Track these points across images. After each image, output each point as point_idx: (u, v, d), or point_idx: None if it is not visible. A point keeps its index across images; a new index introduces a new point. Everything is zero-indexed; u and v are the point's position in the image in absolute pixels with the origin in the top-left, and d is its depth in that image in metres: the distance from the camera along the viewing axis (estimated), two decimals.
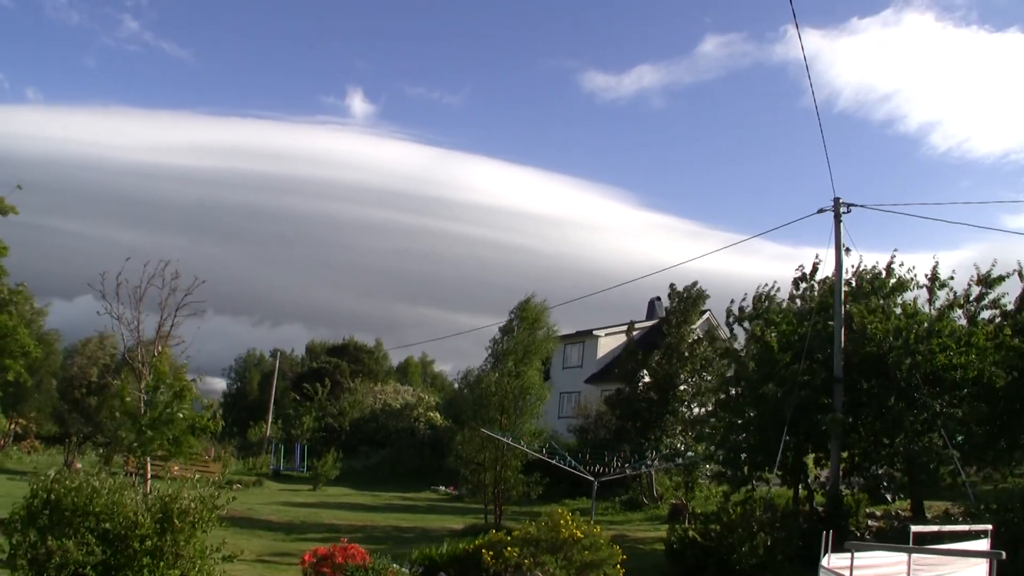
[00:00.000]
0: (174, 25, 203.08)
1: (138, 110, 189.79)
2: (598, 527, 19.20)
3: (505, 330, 34.05)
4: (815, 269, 31.02)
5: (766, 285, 31.69)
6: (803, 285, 31.21)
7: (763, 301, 31.22)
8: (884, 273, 29.69)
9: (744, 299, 31.60)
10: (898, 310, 28.97)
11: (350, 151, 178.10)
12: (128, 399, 25.31)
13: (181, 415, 24.27)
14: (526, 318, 33.36)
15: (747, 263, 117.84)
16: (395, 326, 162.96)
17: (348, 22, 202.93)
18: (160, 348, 30.27)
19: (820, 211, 28.95)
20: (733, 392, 30.91)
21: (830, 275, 30.17)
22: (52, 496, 15.01)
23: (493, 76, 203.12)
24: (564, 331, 60.40)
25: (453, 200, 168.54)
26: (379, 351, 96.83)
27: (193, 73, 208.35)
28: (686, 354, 40.29)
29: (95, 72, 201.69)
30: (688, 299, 41.68)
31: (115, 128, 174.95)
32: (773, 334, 29.28)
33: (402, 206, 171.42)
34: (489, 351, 34.57)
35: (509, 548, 17.11)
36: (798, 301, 31.19)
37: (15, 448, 54.06)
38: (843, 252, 28.74)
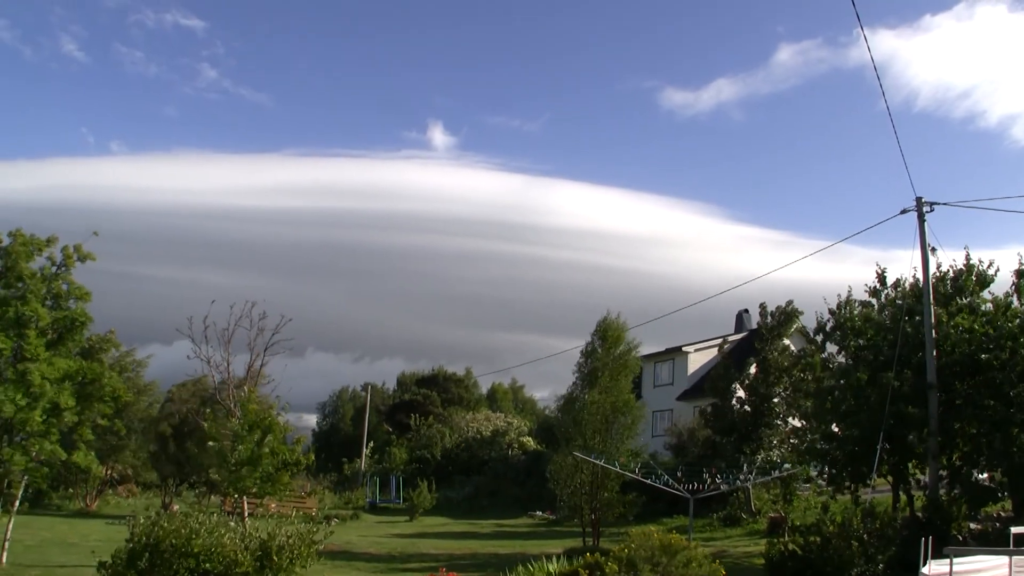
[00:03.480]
0: (251, 71, 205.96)
1: (222, 155, 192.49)
2: (695, 543, 19.02)
3: (587, 352, 33.94)
4: (882, 277, 30.63)
5: (839, 295, 31.34)
6: (883, 292, 30.77)
7: (843, 310, 30.81)
8: (964, 271, 29.19)
9: (839, 309, 31.23)
10: (986, 306, 28.48)
11: (435, 183, 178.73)
12: (217, 440, 25.54)
13: (270, 452, 24.42)
14: (607, 337, 33.23)
15: (838, 270, 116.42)
16: (489, 354, 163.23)
17: (423, 58, 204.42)
18: (249, 388, 30.50)
19: (903, 212, 28.60)
20: (828, 403, 30.48)
21: (912, 277, 29.79)
22: (152, 538, 15.18)
23: (571, 101, 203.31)
24: (654, 349, 60.31)
25: (540, 225, 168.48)
26: (469, 379, 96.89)
27: (273, 116, 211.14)
28: (783, 366, 39.90)
29: (177, 121, 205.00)
30: (782, 315, 41.37)
31: (201, 174, 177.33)
32: (860, 342, 28.93)
33: (490, 234, 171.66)
34: (575, 373, 34.52)
35: (609, 565, 16.96)
36: (880, 310, 30.68)
37: (112, 493, 54.80)
38: (929, 252, 28.33)
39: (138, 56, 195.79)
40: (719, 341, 53.44)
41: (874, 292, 30.86)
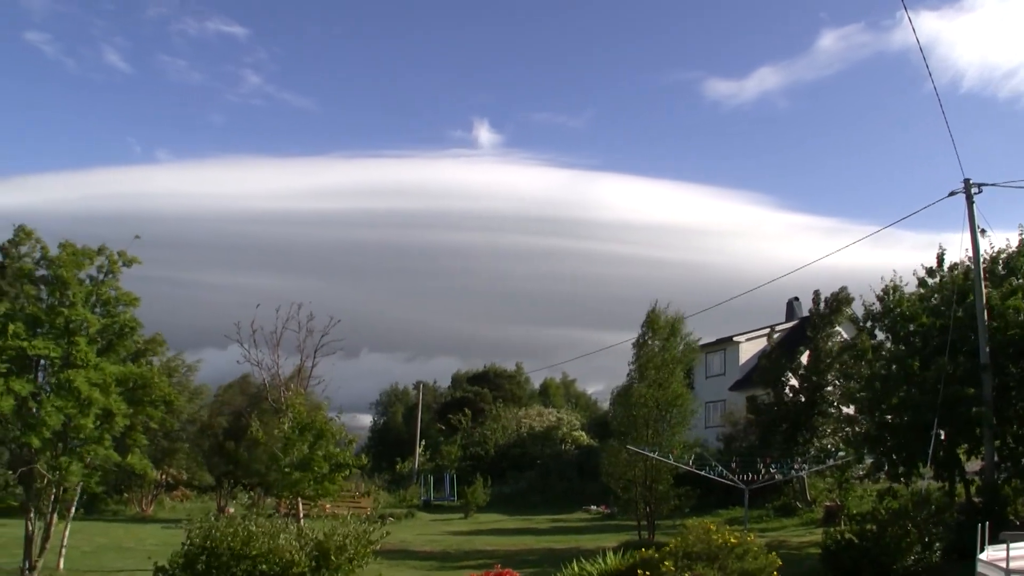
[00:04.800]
0: (294, 76, 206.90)
1: (269, 159, 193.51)
2: (751, 535, 18.89)
3: (639, 344, 33.80)
4: (940, 260, 30.31)
5: (885, 279, 31.04)
6: (932, 280, 30.43)
7: (891, 295, 30.50)
8: (1016, 252, 28.86)
9: (888, 295, 30.93)
10: None
11: (483, 181, 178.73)
12: (267, 443, 25.68)
13: (321, 454, 24.50)
14: (657, 329, 33.05)
15: (889, 255, 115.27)
16: (541, 350, 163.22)
17: (465, 56, 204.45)
18: (298, 389, 30.61)
19: (951, 194, 28.29)
20: (879, 390, 30.19)
21: (963, 260, 29.44)
22: (209, 542, 15.23)
23: (615, 95, 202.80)
24: (705, 340, 59.96)
25: (589, 219, 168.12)
26: (520, 375, 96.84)
27: (318, 120, 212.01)
28: (832, 355, 39.60)
29: (222, 128, 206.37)
30: (834, 302, 41.06)
31: (248, 179, 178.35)
32: (910, 327, 28.68)
33: (539, 230, 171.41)
34: (631, 366, 34.41)
35: (665, 563, 16.87)
36: (930, 294, 30.33)
37: (167, 498, 55.24)
38: (979, 234, 28.02)
39: (181, 65, 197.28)
40: (770, 330, 53.10)
41: (931, 273, 30.51)
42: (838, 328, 41.53)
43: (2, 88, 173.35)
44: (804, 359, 41.88)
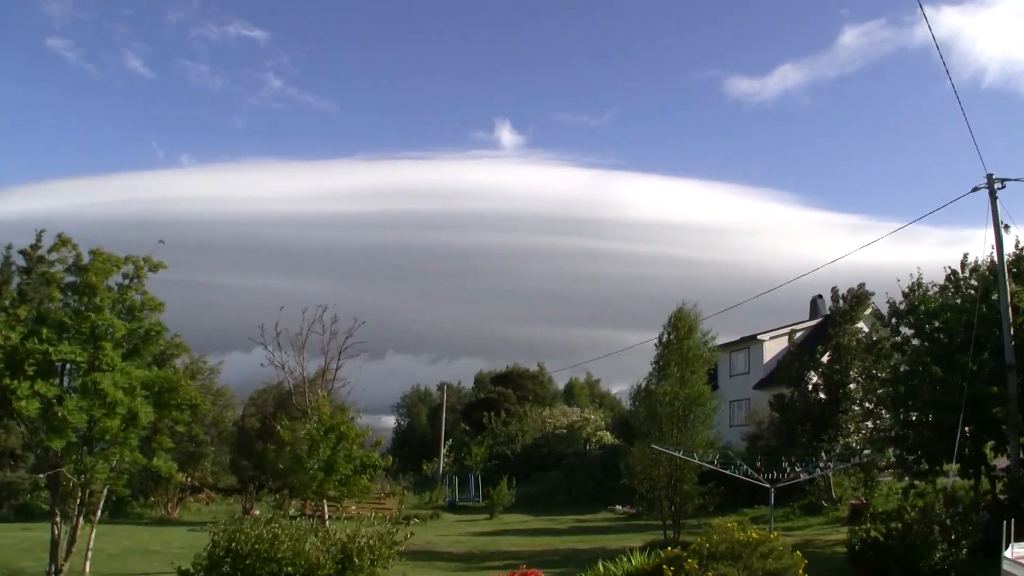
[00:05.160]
0: (316, 79, 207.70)
1: (292, 162, 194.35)
2: (775, 533, 18.87)
3: (661, 343, 33.76)
4: (964, 264, 30.13)
5: (911, 275, 30.87)
6: (961, 276, 30.25)
7: (915, 292, 30.34)
8: None
9: (911, 291, 30.77)
10: None
11: (506, 181, 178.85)
12: (291, 445, 25.76)
13: (343, 456, 24.58)
14: (680, 328, 33.01)
15: (913, 252, 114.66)
16: (566, 350, 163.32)
17: (486, 57, 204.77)
18: (322, 392, 30.69)
19: (974, 190, 28.18)
20: (902, 388, 30.06)
21: (987, 256, 29.31)
22: (233, 544, 15.29)
23: (637, 94, 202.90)
24: (729, 338, 59.84)
25: (612, 219, 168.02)
26: (543, 375, 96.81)
27: (340, 123, 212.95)
28: (853, 353, 39.45)
29: (245, 132, 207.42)
30: (854, 299, 40.92)
31: (271, 182, 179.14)
32: (935, 324, 28.57)
33: (562, 230, 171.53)
34: (653, 364, 34.37)
35: (689, 561, 16.88)
36: (955, 291, 30.15)
37: (192, 500, 55.45)
38: (1003, 229, 27.90)
39: (203, 69, 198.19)
40: (791, 330, 52.96)
41: (951, 277, 30.35)
42: (860, 324, 41.35)
43: (25, 94, 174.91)
44: (827, 357, 41.70)
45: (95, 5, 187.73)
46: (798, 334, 51.35)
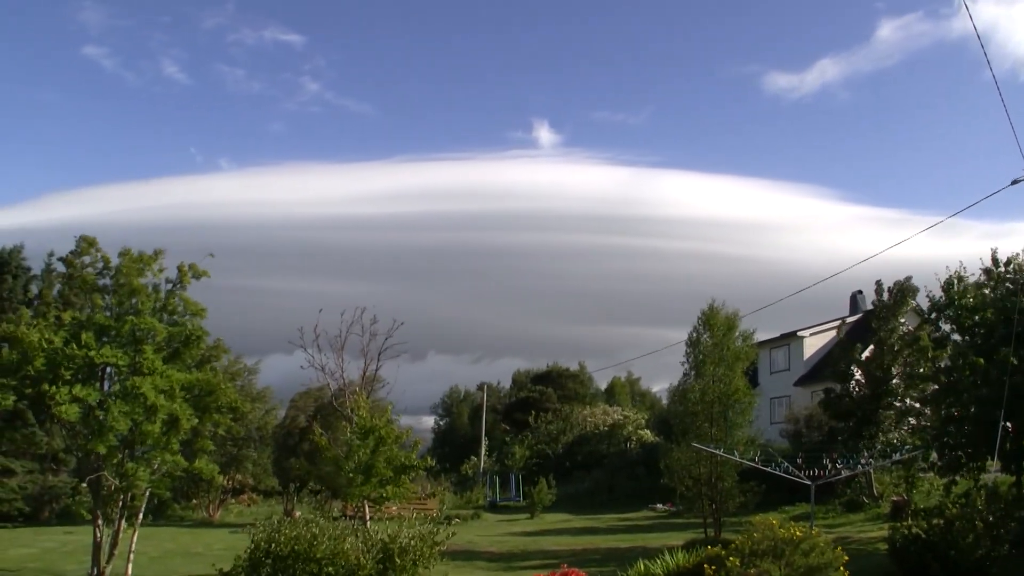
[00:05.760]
0: (353, 82, 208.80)
1: (331, 165, 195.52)
2: (815, 529, 18.79)
3: (692, 341, 33.62)
4: (995, 259, 29.84)
5: (949, 269, 30.56)
6: (996, 270, 29.96)
7: (955, 286, 30.06)
8: None
9: (951, 286, 30.51)
10: None
11: (544, 181, 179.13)
12: (331, 447, 25.86)
13: (384, 459, 24.65)
14: (713, 325, 32.86)
15: (954, 246, 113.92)
16: (607, 348, 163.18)
17: (523, 57, 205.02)
18: (361, 394, 30.77)
19: (1014, 182, 27.84)
20: (945, 383, 29.83)
21: None
22: (273, 545, 15.37)
23: (674, 91, 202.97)
24: (769, 335, 59.61)
25: (651, 216, 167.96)
26: (583, 374, 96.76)
27: (378, 125, 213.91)
28: (896, 348, 39.16)
29: (283, 136, 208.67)
30: (898, 293, 40.57)
31: (310, 185, 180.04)
32: (975, 319, 28.34)
33: (601, 228, 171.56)
34: (684, 364, 34.30)
35: (731, 559, 16.84)
36: (994, 286, 29.86)
37: (234, 502, 55.74)
38: None
39: (239, 74, 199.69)
40: (834, 324, 52.72)
41: (988, 271, 30.07)
42: (903, 320, 41.00)
43: (62, 103, 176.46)
44: (868, 353, 41.40)
45: (131, 12, 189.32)
46: (839, 330, 51.11)
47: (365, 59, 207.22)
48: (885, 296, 41.05)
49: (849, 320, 58.23)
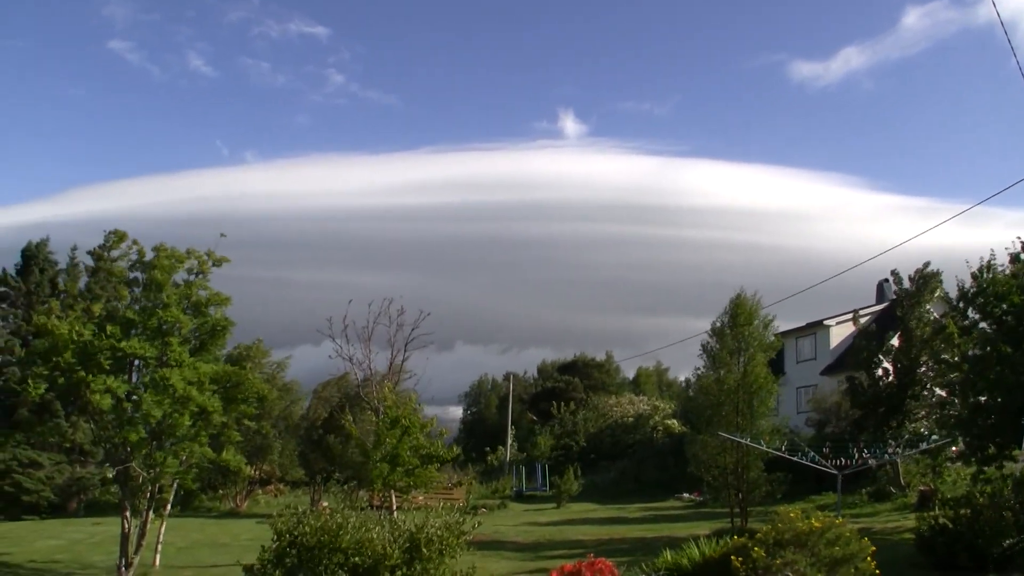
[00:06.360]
0: (378, 74, 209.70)
1: (358, 156, 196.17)
2: (840, 519, 18.76)
3: (716, 331, 33.50)
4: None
5: (982, 258, 30.34)
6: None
7: (984, 274, 29.87)
8: None
9: (981, 274, 30.32)
10: None
11: (570, 171, 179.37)
12: (359, 437, 25.97)
13: (408, 448, 24.74)
14: (739, 315, 32.73)
15: (983, 234, 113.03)
16: (634, 338, 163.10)
17: (547, 47, 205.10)
18: (388, 384, 30.88)
19: None
20: (972, 372, 29.69)
21: None
22: (298, 536, 15.42)
23: (700, 81, 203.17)
24: (795, 324, 59.46)
25: (678, 206, 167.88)
26: (609, 364, 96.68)
27: (404, 116, 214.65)
28: (922, 336, 38.93)
29: (309, 128, 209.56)
30: (921, 279, 40.32)
31: (337, 177, 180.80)
32: (1003, 306, 28.22)
33: (628, 218, 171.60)
34: (700, 355, 34.21)
35: (756, 550, 16.84)
36: (1016, 276, 29.67)
37: (261, 493, 55.98)
38: None
39: (264, 67, 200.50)
40: (862, 313, 52.49)
41: (1015, 259, 29.89)
42: (928, 307, 40.73)
43: (88, 97, 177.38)
44: (895, 341, 41.21)
45: (156, 7, 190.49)
46: (864, 318, 50.88)
47: (390, 51, 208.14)
48: (906, 284, 40.82)
49: (875, 309, 57.99)
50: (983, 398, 28.77)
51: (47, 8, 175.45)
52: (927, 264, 40.34)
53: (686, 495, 50.29)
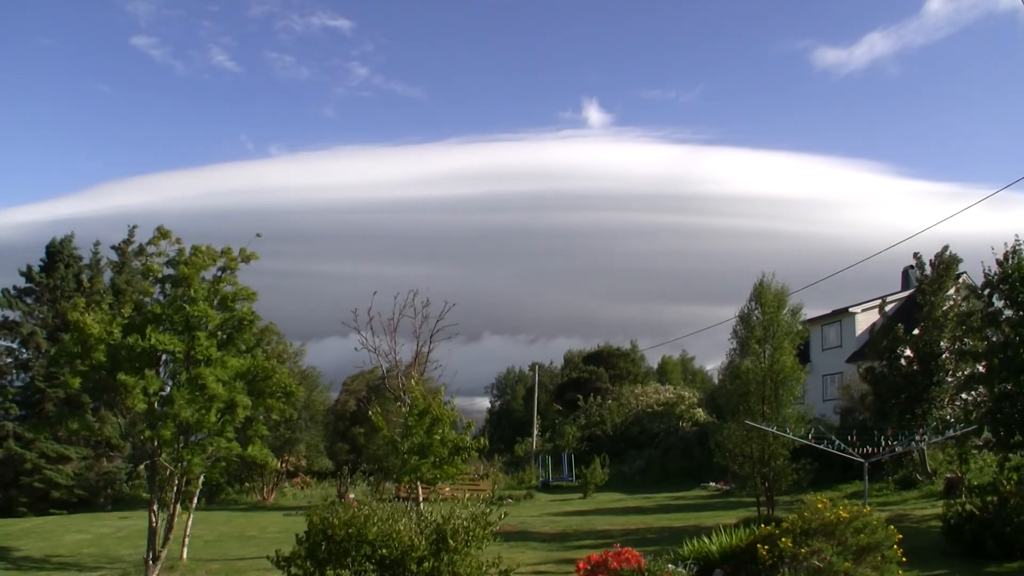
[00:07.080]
0: (402, 66, 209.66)
1: (383, 148, 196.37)
2: (867, 507, 18.76)
3: (743, 318, 33.44)
4: None
5: (1006, 244, 30.16)
6: None
7: (1009, 259, 29.69)
8: None
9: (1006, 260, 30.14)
10: None
11: (595, 160, 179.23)
12: (386, 429, 26.03)
13: (438, 439, 24.80)
14: (765, 302, 32.63)
15: (1011, 219, 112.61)
16: (661, 327, 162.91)
17: (571, 37, 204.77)
18: (415, 375, 30.94)
19: None
20: (998, 360, 29.54)
21: None
22: (327, 529, 15.51)
23: (725, 69, 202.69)
24: (821, 311, 59.30)
25: (704, 194, 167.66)
26: (634, 353, 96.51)
27: (429, 108, 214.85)
28: (943, 322, 38.73)
29: (334, 121, 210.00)
30: (940, 265, 40.09)
31: (363, 169, 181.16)
32: None
33: (654, 207, 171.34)
34: (731, 340, 34.17)
35: (783, 539, 16.87)
36: None
37: (288, 485, 56.21)
38: None
39: (288, 61, 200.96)
40: (883, 300, 52.34)
41: None
42: (950, 293, 40.45)
43: (112, 93, 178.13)
44: (916, 331, 41.03)
45: (179, 2, 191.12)
46: (889, 305, 50.73)
47: (413, 43, 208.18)
48: (927, 270, 40.59)
49: (900, 296, 57.71)
50: (1009, 386, 28.64)
51: (71, 6, 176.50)
52: (946, 248, 40.07)
53: (713, 484, 50.23)
